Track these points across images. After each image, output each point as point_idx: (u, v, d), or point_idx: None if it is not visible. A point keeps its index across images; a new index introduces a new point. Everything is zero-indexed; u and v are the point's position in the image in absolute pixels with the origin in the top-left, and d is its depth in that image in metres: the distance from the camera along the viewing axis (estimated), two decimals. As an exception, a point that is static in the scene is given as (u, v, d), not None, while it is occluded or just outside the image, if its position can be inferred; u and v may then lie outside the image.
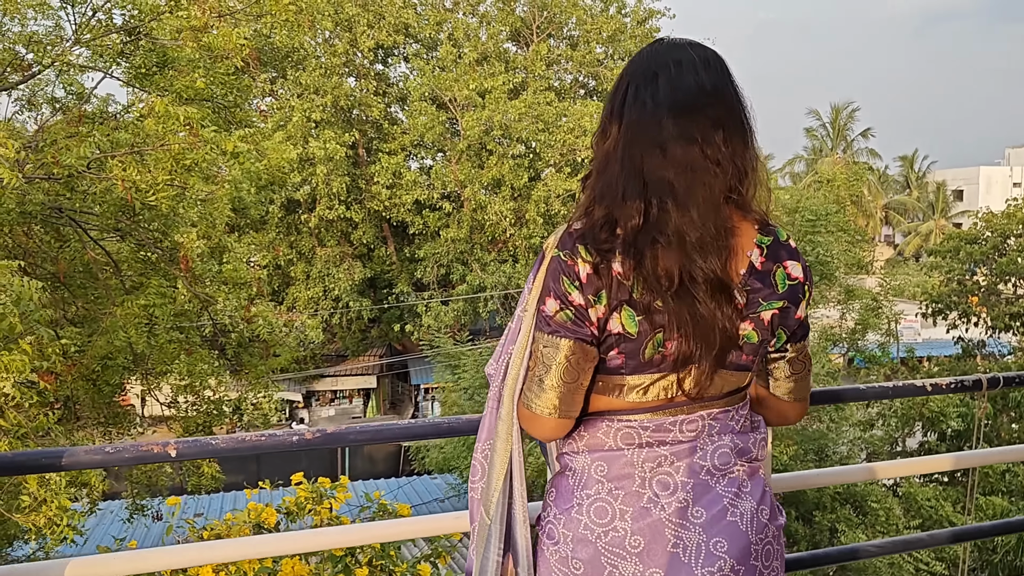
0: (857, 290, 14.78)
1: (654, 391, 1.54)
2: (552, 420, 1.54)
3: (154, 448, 1.85)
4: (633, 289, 1.47)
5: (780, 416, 1.73)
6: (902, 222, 53.60)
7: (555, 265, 1.52)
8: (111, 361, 6.95)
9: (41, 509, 3.80)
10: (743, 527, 1.55)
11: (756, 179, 1.57)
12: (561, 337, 1.51)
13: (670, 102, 1.51)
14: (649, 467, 1.55)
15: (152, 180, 5.22)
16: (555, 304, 1.51)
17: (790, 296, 1.58)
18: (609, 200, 1.51)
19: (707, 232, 1.47)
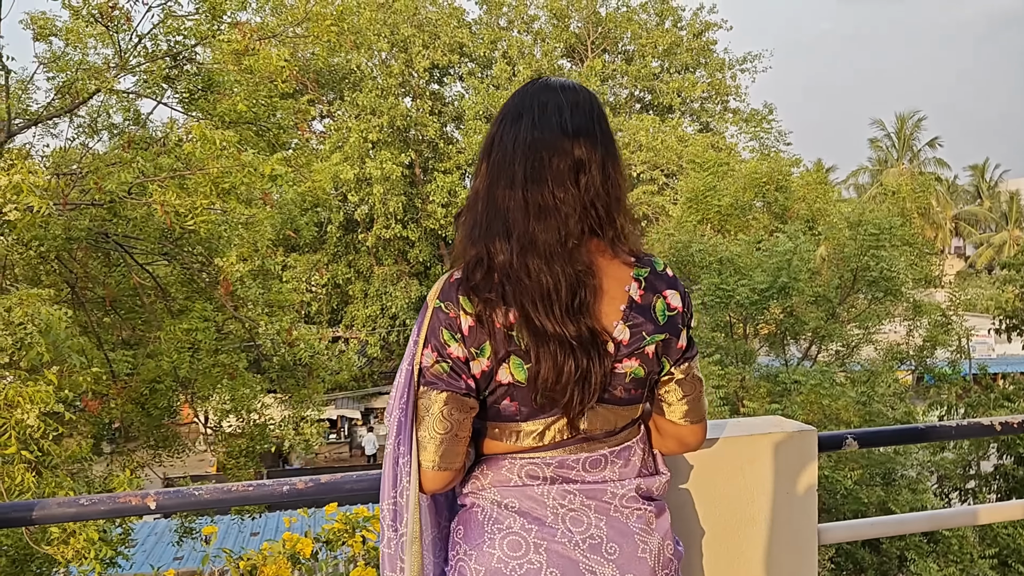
0: (925, 305, 14.18)
1: (550, 434, 1.56)
2: (431, 472, 1.53)
3: (132, 500, 1.72)
4: (518, 338, 1.48)
5: (680, 442, 1.73)
6: (973, 233, 51.87)
7: (436, 317, 1.52)
8: (158, 384, 6.96)
9: (70, 541, 3.75)
10: (651, 562, 1.59)
11: (625, 216, 1.58)
12: (435, 390, 1.51)
13: (526, 144, 1.53)
14: (558, 503, 1.56)
15: (191, 204, 5.20)
16: (432, 356, 1.51)
17: (670, 328, 1.60)
18: (478, 240, 1.53)
19: (556, 277, 1.49)
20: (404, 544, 1.57)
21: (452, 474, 1.55)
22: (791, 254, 11.43)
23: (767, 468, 2.04)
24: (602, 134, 1.58)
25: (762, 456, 2.04)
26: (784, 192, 14.73)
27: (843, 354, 13.17)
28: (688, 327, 1.64)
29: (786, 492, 2.06)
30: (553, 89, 1.61)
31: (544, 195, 1.51)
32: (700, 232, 13.74)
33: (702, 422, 1.71)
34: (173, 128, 6.10)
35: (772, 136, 28.21)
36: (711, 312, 12.11)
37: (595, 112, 1.60)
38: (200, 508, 1.65)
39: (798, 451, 2.07)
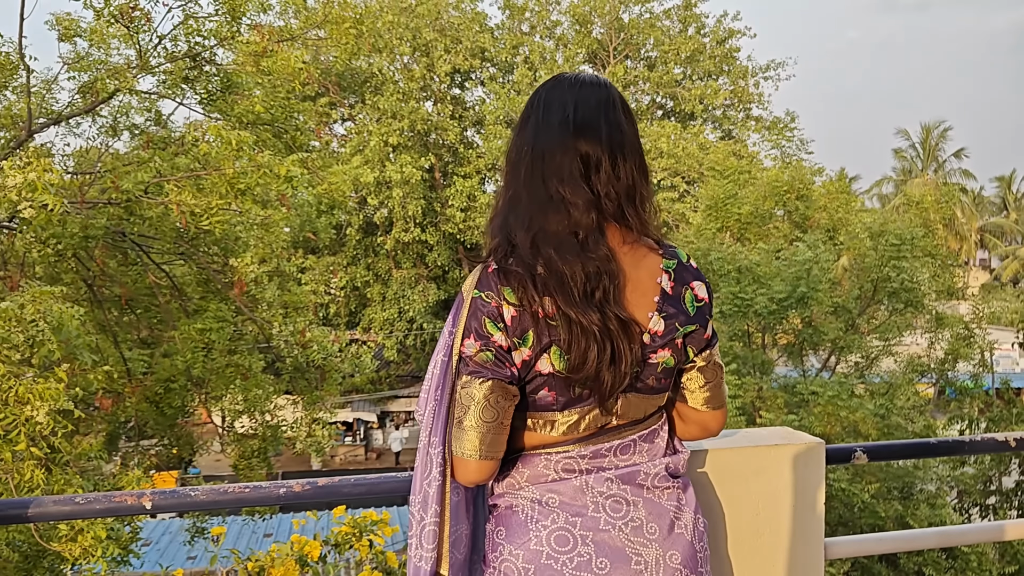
0: (947, 318, 14.00)
1: (584, 423, 1.58)
2: (474, 462, 1.54)
3: (128, 499, 1.70)
4: (560, 328, 1.50)
5: (703, 428, 1.76)
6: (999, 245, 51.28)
7: (477, 305, 1.53)
8: (172, 384, 6.99)
9: (78, 539, 3.76)
10: (688, 537, 1.63)
11: (644, 205, 1.61)
12: (480, 378, 1.52)
13: (531, 145, 1.59)
14: (597, 491, 1.59)
15: (206, 204, 5.22)
16: (475, 345, 1.52)
17: (699, 319, 1.64)
18: (498, 233, 1.59)
19: (571, 267, 1.51)
20: (428, 533, 1.60)
21: (495, 464, 1.56)
22: (811, 263, 11.33)
23: (774, 480, 2.00)
24: (609, 126, 1.60)
25: (769, 468, 2.00)
26: (805, 201, 14.61)
27: (862, 366, 13.02)
28: (711, 316, 1.68)
29: (793, 505, 2.02)
30: (561, 87, 1.64)
31: (550, 190, 1.55)
32: (720, 240, 13.65)
33: (723, 408, 1.75)
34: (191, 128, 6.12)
35: (794, 144, 28.03)
36: (729, 321, 12.01)
37: (603, 106, 1.62)
38: (196, 509, 1.64)
39: (806, 463, 2.03)
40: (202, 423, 13.93)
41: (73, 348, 3.97)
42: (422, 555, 1.60)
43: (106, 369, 4.49)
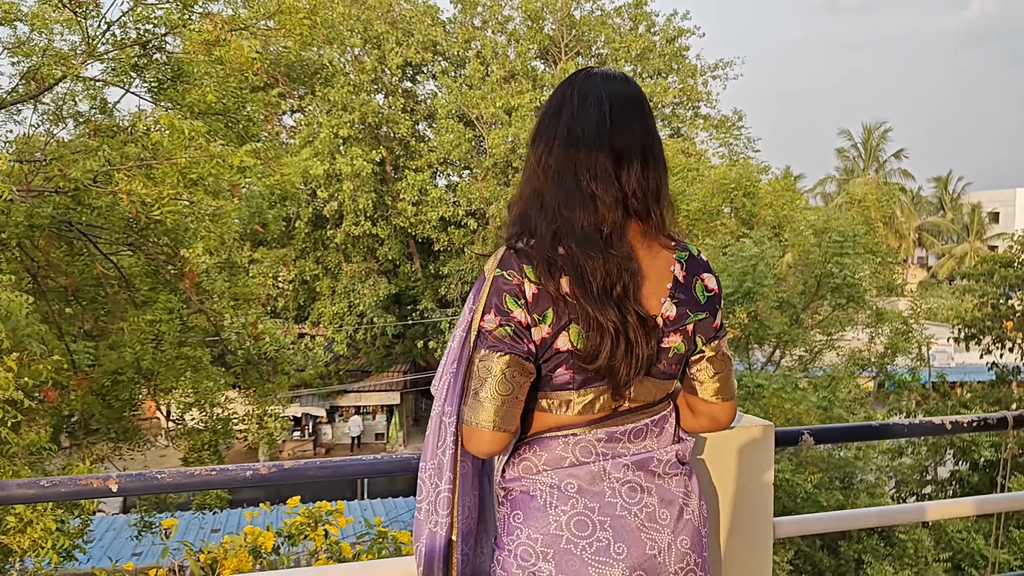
0: (887, 313, 14.43)
1: (599, 403, 1.63)
2: (488, 433, 1.58)
3: (93, 482, 1.71)
4: (579, 306, 1.55)
5: (713, 420, 1.81)
6: (936, 244, 52.78)
7: (499, 284, 1.58)
8: (120, 376, 6.88)
9: (27, 531, 3.70)
10: (695, 523, 1.71)
11: (665, 204, 1.67)
12: (497, 352, 1.56)
13: (564, 138, 1.62)
14: (614, 477, 1.64)
15: (157, 194, 5.16)
16: (495, 320, 1.57)
17: (709, 307, 1.71)
18: (518, 221, 1.65)
19: (593, 263, 1.56)
20: (443, 499, 1.65)
21: (509, 437, 1.60)
22: (756, 259, 11.58)
23: (726, 461, 2.08)
24: (642, 127, 1.65)
25: (722, 450, 2.08)
26: (752, 198, 14.92)
27: (806, 359, 13.37)
28: (721, 309, 1.75)
29: (744, 485, 2.10)
30: (595, 81, 1.68)
31: (581, 186, 1.60)
32: (668, 236, 13.85)
33: (733, 399, 1.80)
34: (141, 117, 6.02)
35: (741, 143, 28.52)
36: (677, 315, 12.21)
37: (636, 106, 1.67)
38: (163, 491, 1.65)
39: (756, 446, 2.11)
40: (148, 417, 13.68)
41: (21, 338, 3.90)
42: (437, 520, 1.65)
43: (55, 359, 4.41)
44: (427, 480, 1.67)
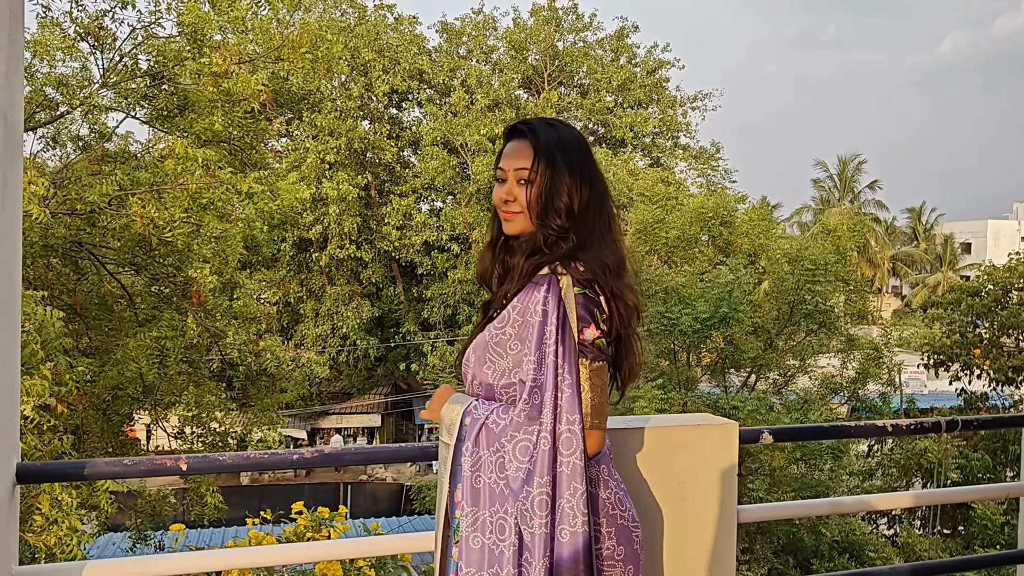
0: (859, 339, 14.89)
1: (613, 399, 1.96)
2: (599, 434, 1.87)
3: (167, 461, 2.05)
4: (613, 321, 1.88)
5: None
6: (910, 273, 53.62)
7: (583, 300, 1.84)
8: (121, 391, 7.14)
9: (52, 529, 3.97)
10: None
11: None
12: (602, 361, 1.86)
13: (603, 198, 1.99)
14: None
15: (169, 217, 5.49)
16: (595, 332, 1.84)
17: None
18: (588, 249, 1.92)
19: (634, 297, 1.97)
20: (581, 499, 1.80)
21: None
22: (732, 286, 12.01)
23: (695, 453, 2.45)
24: None
25: (692, 443, 2.45)
26: (728, 227, 15.40)
27: (780, 383, 13.78)
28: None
29: (710, 475, 2.46)
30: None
31: (615, 236, 1.98)
32: (648, 262, 14.29)
33: None
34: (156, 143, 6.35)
35: (719, 174, 29.16)
36: (656, 339, 12.62)
37: None
38: (224, 471, 1.98)
39: (722, 440, 2.48)
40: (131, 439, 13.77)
41: (51, 351, 4.19)
42: (582, 521, 1.80)
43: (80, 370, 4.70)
44: (544, 495, 1.78)
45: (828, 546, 11.39)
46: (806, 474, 12.32)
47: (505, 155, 1.98)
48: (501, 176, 1.97)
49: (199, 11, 7.00)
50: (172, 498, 8.46)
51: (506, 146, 2.01)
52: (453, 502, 1.94)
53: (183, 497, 8.04)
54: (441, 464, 1.98)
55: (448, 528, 1.96)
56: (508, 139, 2.02)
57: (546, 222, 1.91)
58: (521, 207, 1.93)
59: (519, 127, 2.00)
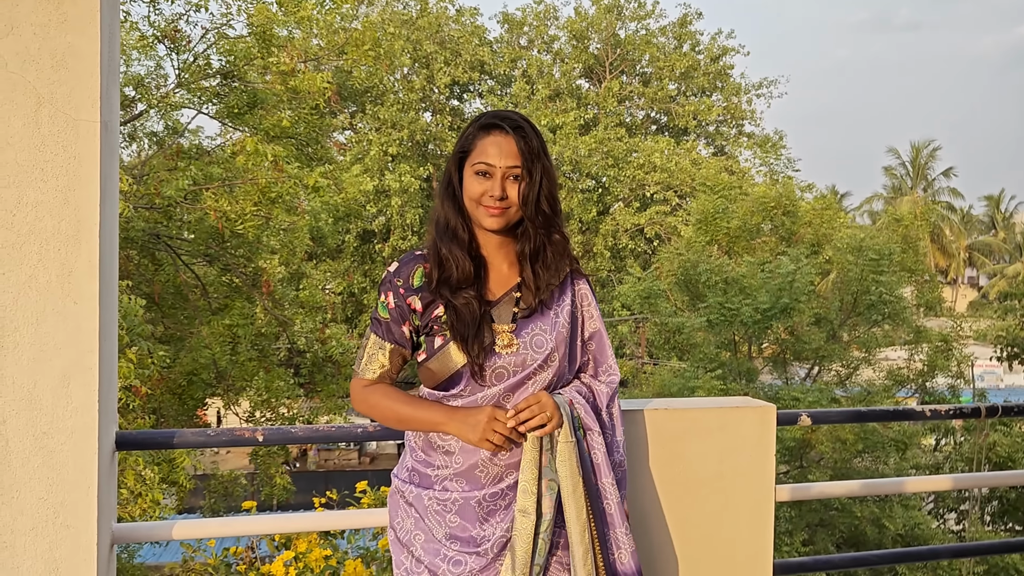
0: (927, 331, 14.59)
1: None
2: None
3: (245, 433, 2.26)
4: None
5: None
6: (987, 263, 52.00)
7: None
8: (195, 377, 7.50)
9: (137, 502, 4.27)
10: None
11: None
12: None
13: None
14: None
15: (240, 210, 5.77)
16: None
17: None
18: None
19: None
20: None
21: None
22: (793, 276, 11.90)
23: (734, 434, 2.56)
24: None
25: (730, 424, 2.56)
26: (791, 217, 15.22)
27: (843, 375, 13.60)
28: None
29: (748, 456, 2.58)
30: None
31: None
32: (708, 252, 14.23)
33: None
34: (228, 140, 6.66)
35: (782, 162, 28.70)
36: (716, 330, 12.58)
37: None
38: (296, 442, 2.18)
39: (760, 422, 2.59)
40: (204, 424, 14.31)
41: (135, 337, 4.49)
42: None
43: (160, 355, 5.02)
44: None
45: (892, 540, 11.25)
46: (870, 467, 12.18)
47: (491, 150, 2.00)
48: (486, 171, 2.00)
49: (268, 11, 7.28)
50: (243, 479, 8.84)
51: (486, 138, 2.02)
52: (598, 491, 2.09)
53: (253, 479, 8.39)
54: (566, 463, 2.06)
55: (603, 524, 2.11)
56: (485, 131, 2.03)
57: (538, 218, 2.05)
58: (512, 203, 2.01)
59: (500, 123, 2.02)
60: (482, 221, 2.02)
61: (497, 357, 2.02)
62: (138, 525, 2.20)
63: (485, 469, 2.03)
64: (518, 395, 2.04)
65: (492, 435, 1.96)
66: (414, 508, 2.11)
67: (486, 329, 2.01)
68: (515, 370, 2.03)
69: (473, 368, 2.00)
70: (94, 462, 1.96)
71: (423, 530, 2.08)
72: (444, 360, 2.03)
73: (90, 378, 1.96)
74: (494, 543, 2.02)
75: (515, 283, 2.11)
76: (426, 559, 2.06)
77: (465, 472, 2.03)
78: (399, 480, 2.17)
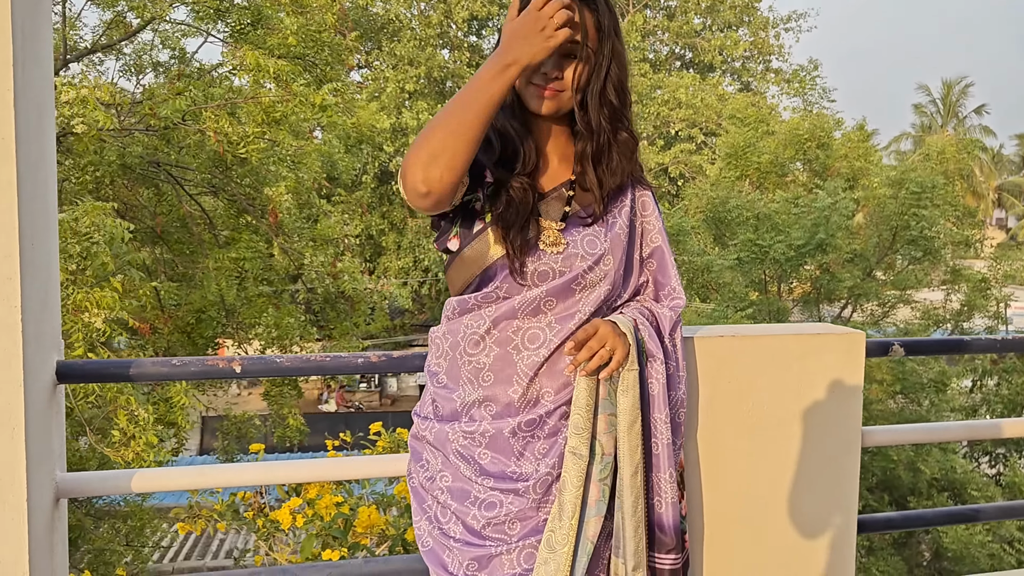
0: (964, 270, 14.01)
1: None
2: None
3: (219, 363, 1.84)
4: None
5: None
6: (1017, 205, 50.82)
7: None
8: (204, 314, 7.15)
9: (130, 444, 3.93)
10: None
11: None
12: None
13: None
14: None
15: (242, 132, 5.33)
16: None
17: None
18: None
19: None
20: None
21: None
22: (829, 210, 11.35)
23: (814, 366, 2.12)
24: None
25: (810, 355, 2.12)
26: (826, 150, 14.55)
27: (878, 315, 13.10)
28: None
29: (832, 392, 2.14)
30: None
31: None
32: (738, 188, 13.65)
33: None
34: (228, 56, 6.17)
35: (816, 93, 27.73)
36: (746, 268, 12.09)
37: None
38: (282, 375, 1.77)
39: (846, 353, 2.14)
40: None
41: (123, 265, 4.11)
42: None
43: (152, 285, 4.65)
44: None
45: (927, 483, 10.88)
46: (904, 408, 11.75)
47: None
48: None
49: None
50: (257, 421, 8.55)
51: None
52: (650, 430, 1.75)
53: (267, 420, 8.11)
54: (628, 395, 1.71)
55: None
56: None
57: (603, 110, 1.70)
58: (566, 85, 1.67)
59: None
60: (529, 102, 1.70)
61: (541, 255, 1.68)
62: (89, 476, 1.80)
63: (519, 387, 1.68)
64: (565, 305, 1.70)
65: (549, 23, 1.53)
66: (437, 449, 1.76)
67: (532, 222, 1.69)
68: (561, 270, 1.69)
69: (513, 264, 1.66)
70: (19, 396, 1.54)
71: (450, 471, 1.73)
72: (481, 248, 1.70)
73: (9, 290, 1.53)
74: (537, 482, 1.68)
75: (566, 179, 1.78)
76: (453, 504, 1.71)
77: (496, 394, 1.68)
78: (419, 418, 1.83)
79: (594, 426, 1.69)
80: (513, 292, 1.69)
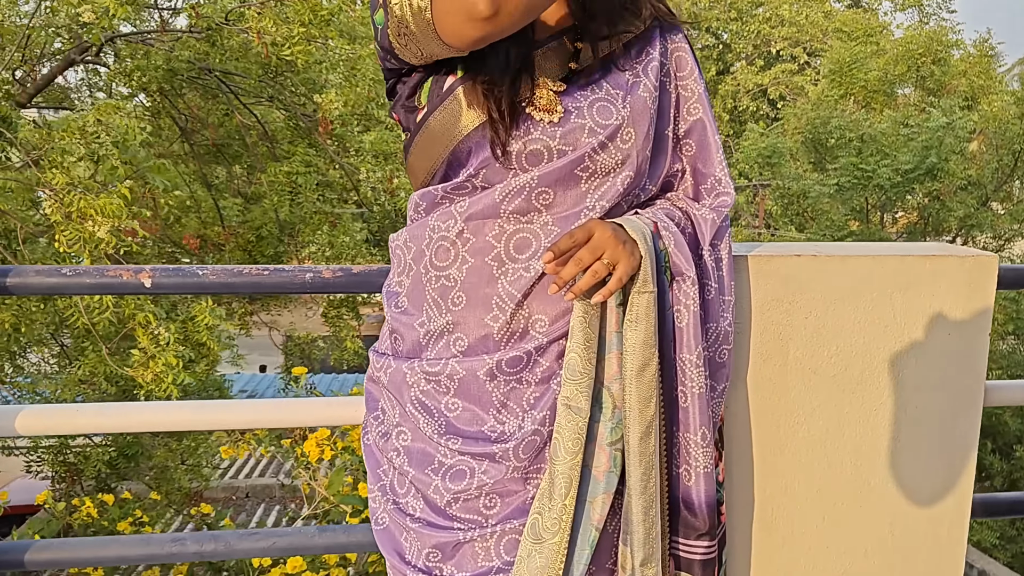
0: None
1: None
2: None
3: (124, 275, 1.42)
4: None
5: None
6: None
7: None
8: (265, 230, 6.92)
9: (149, 365, 3.67)
10: None
11: None
12: None
13: None
14: None
15: (288, 32, 4.92)
16: None
17: None
18: None
19: None
20: None
21: None
22: (944, 131, 10.30)
23: (926, 298, 1.56)
24: None
25: (921, 284, 1.56)
26: (942, 66, 13.26)
27: (992, 248, 12.04)
28: None
29: (948, 333, 1.59)
30: None
31: None
32: (842, 107, 12.60)
33: None
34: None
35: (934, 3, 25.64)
36: (846, 196, 11.18)
37: None
38: (202, 291, 1.35)
39: (969, 283, 1.58)
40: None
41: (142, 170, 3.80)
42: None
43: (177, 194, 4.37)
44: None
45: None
46: (1015, 350, 10.80)
47: None
48: None
49: None
50: (321, 342, 8.40)
51: None
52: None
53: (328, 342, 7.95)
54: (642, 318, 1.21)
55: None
56: None
57: None
58: None
59: None
60: None
61: (531, 126, 1.20)
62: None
63: (500, 313, 1.22)
64: (566, 199, 1.22)
65: None
66: (393, 395, 1.31)
67: (524, 77, 1.20)
68: (561, 148, 1.20)
69: (494, 138, 1.18)
70: None
71: (408, 426, 1.28)
72: (450, 115, 1.21)
73: None
74: (521, 443, 1.23)
75: (566, 24, 1.27)
76: (411, 470, 1.27)
77: (467, 321, 1.23)
78: (376, 354, 1.37)
79: (600, 371, 1.22)
80: (493, 179, 1.21)
